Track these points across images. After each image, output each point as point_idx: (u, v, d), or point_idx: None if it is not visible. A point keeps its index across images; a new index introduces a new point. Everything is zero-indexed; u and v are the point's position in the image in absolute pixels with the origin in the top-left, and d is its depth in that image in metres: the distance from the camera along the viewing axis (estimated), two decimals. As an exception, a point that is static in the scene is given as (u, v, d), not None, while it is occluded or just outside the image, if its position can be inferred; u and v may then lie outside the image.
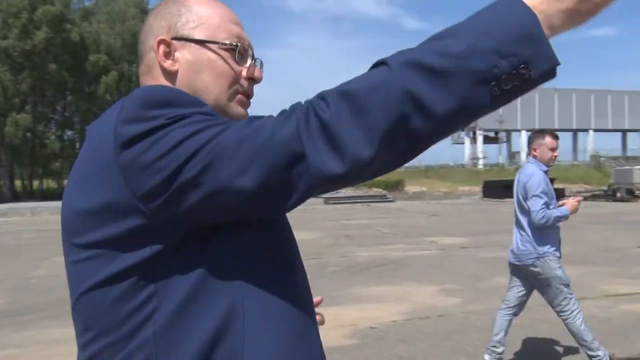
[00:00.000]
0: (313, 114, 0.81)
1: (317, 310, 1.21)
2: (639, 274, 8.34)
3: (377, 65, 0.81)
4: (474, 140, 60.45)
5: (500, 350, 4.47)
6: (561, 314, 4.25)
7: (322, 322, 1.23)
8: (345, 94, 0.80)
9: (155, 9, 1.10)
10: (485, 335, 5.40)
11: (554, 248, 4.23)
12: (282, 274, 1.00)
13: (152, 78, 1.05)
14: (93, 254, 0.92)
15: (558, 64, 0.75)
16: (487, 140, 61.56)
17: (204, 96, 1.00)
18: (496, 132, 61.03)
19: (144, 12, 42.30)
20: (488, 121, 59.31)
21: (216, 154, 0.83)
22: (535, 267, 4.22)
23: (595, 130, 63.36)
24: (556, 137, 4.35)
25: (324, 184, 0.83)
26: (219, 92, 1.03)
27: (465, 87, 0.74)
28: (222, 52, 1.04)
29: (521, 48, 0.73)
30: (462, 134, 61.35)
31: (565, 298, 4.22)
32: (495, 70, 0.73)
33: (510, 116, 60.90)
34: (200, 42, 1.03)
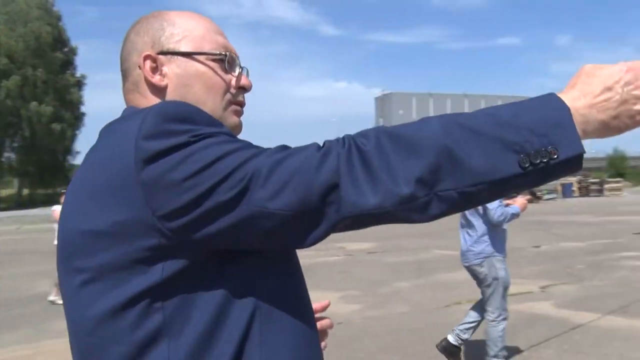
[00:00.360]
0: (355, 147, 0.82)
1: (322, 314, 1.23)
2: (531, 273, 8.77)
3: (425, 119, 0.85)
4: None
5: (465, 337, 4.61)
6: (490, 314, 4.41)
7: (331, 326, 1.24)
8: (390, 133, 0.82)
9: (136, 25, 1.06)
10: (381, 341, 5.47)
11: (500, 249, 4.42)
12: (299, 303, 0.98)
13: (140, 94, 1.02)
14: (99, 277, 0.87)
15: (583, 152, 0.81)
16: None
17: None
18: (410, 137, 62.59)
19: (48, 13, 40.47)
20: (402, 126, 60.72)
21: (251, 177, 0.81)
22: (482, 267, 4.38)
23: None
24: None
25: (355, 215, 0.82)
26: (213, 103, 1.01)
27: (497, 152, 0.79)
28: (211, 63, 1.02)
29: (552, 131, 0.80)
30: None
31: (499, 303, 4.39)
32: (526, 145, 0.79)
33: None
34: (188, 55, 1.01)
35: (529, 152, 0.79)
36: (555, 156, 0.79)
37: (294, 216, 0.81)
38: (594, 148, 67.10)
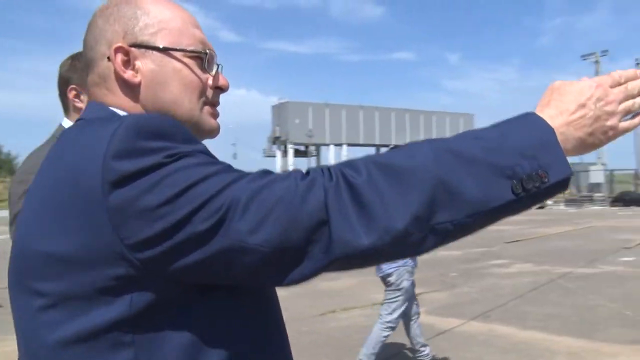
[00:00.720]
0: (343, 180, 0.76)
1: None
2: (408, 281, 9.06)
3: (414, 146, 0.81)
4: (284, 153, 62.22)
5: (420, 344, 4.77)
6: (381, 318, 4.55)
7: None
8: (380, 164, 0.77)
9: (105, 10, 0.94)
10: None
11: (413, 259, 4.53)
12: (279, 341, 0.93)
13: (108, 90, 0.92)
14: (61, 303, 0.78)
15: (572, 174, 0.81)
16: (298, 153, 63.79)
17: (173, 110, 0.91)
18: (306, 146, 63.50)
19: None
20: (298, 135, 61.51)
21: (229, 206, 0.73)
22: (391, 275, 4.48)
23: (396, 147, 68.78)
24: None
25: (346, 256, 0.75)
26: (189, 104, 0.93)
27: (490, 179, 0.77)
28: (188, 60, 0.94)
29: (540, 153, 0.78)
30: (274, 146, 62.90)
31: (394, 310, 4.53)
32: (517, 169, 0.77)
33: (319, 131, 63.77)
34: (164, 50, 0.92)
35: (521, 177, 0.77)
36: (546, 179, 0.78)
37: (274, 253, 0.75)
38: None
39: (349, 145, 67.44)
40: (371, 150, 72.14)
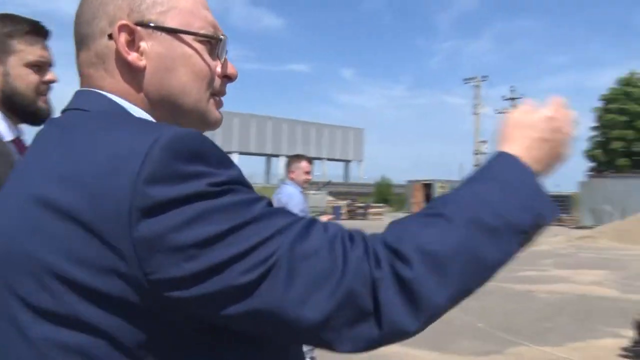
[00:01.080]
0: (392, 273, 0.72)
1: None
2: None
3: (446, 222, 0.76)
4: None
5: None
6: None
7: None
8: (426, 254, 0.74)
9: None
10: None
11: None
12: None
13: (107, 72, 0.83)
14: (58, 321, 0.68)
15: (558, 211, 0.85)
16: (187, 158, 62.65)
17: (180, 100, 0.84)
18: (196, 152, 62.59)
19: None
20: (188, 140, 60.23)
21: (272, 264, 0.67)
22: None
23: (287, 157, 69.57)
24: (311, 162, 5.06)
25: (389, 342, 0.73)
26: (198, 94, 0.86)
27: (508, 242, 0.78)
28: (197, 45, 0.86)
29: (534, 202, 0.80)
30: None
31: None
32: (525, 224, 0.78)
33: (210, 137, 62.85)
34: (173, 32, 0.84)
35: (528, 230, 0.79)
36: (542, 224, 0.81)
37: (312, 330, 0.70)
38: (367, 174, 73.34)
39: (241, 153, 67.16)
40: (262, 160, 72.39)
